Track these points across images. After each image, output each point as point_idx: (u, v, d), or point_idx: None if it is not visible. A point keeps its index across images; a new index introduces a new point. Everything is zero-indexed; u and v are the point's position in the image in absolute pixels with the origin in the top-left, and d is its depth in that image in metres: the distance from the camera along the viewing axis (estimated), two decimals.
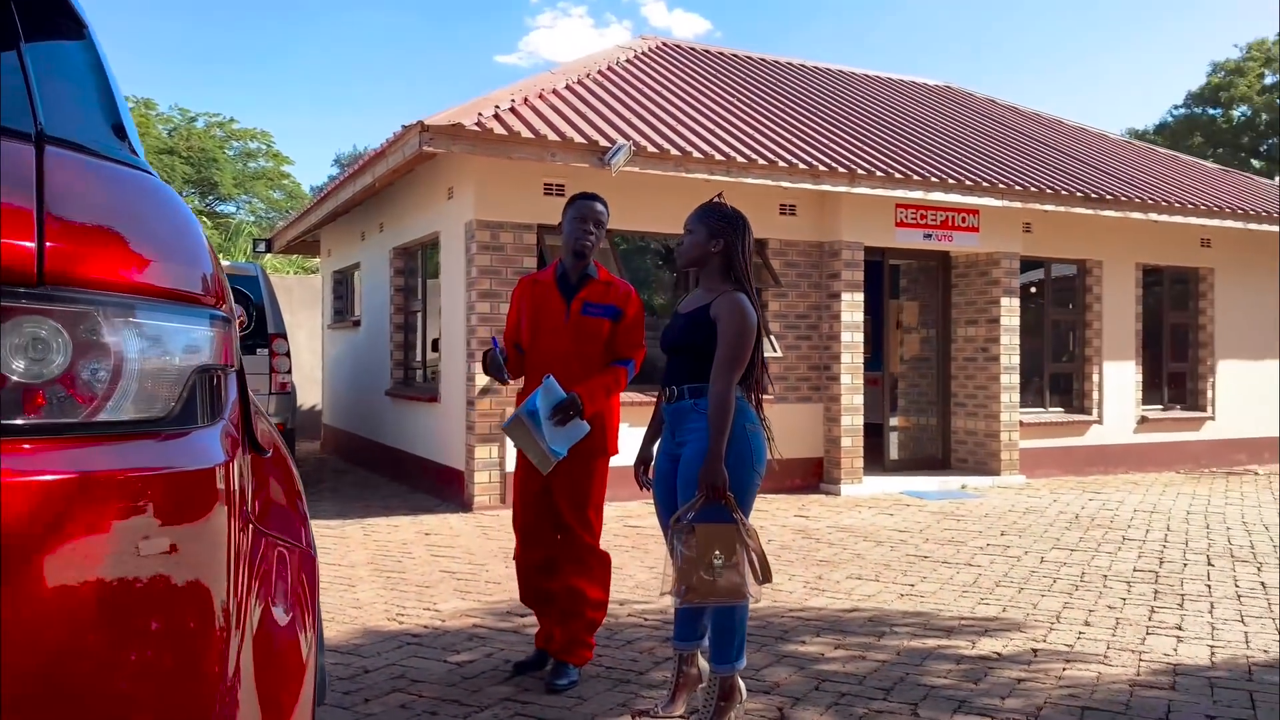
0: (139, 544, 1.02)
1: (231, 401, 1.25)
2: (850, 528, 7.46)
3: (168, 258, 1.13)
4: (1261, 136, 35.63)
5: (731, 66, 11.97)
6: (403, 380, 10.37)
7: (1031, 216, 10.23)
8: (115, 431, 1.04)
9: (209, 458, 1.12)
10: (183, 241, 1.17)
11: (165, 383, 1.09)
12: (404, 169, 8.51)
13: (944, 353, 10.60)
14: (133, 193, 1.15)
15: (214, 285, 1.20)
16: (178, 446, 1.10)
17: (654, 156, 7.89)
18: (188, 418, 1.12)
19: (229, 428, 1.20)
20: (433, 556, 6.31)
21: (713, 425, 3.18)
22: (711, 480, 3.15)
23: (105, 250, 1.05)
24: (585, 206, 3.83)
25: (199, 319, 1.15)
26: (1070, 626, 4.70)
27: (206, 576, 1.09)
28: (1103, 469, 10.90)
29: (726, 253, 3.39)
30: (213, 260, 1.24)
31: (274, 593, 1.28)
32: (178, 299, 1.13)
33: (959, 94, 13.83)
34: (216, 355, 1.17)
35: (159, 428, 1.09)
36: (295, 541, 1.39)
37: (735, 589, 3.14)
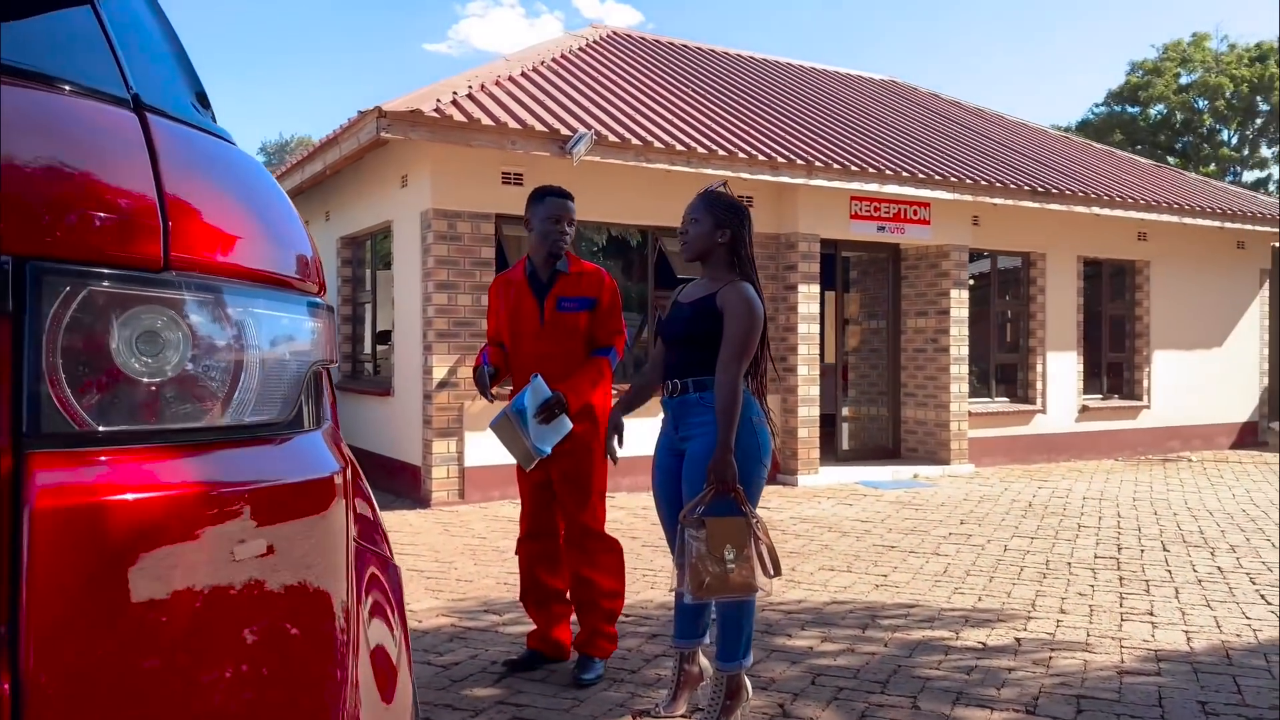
0: (264, 561, 0.91)
1: (328, 400, 1.14)
2: (813, 519, 7.48)
3: (275, 238, 1.01)
4: (1176, 135, 36.92)
5: (683, 57, 11.91)
6: (351, 374, 10.11)
7: (980, 210, 10.38)
8: (236, 437, 0.93)
9: (326, 464, 1.01)
10: (284, 220, 1.06)
11: (285, 381, 0.98)
12: (355, 156, 8.27)
13: (894, 344, 10.72)
14: (234, 166, 1.03)
15: (315, 269, 1.09)
16: (297, 453, 0.99)
17: (615, 146, 7.79)
18: (299, 420, 1.01)
19: (333, 430, 1.09)
20: (397, 555, 6.10)
21: (722, 417, 3.12)
22: (721, 473, 3.09)
23: (222, 231, 0.93)
24: (558, 205, 3.71)
25: (307, 308, 1.04)
26: (1048, 615, 4.76)
27: (332, 589, 0.98)
28: (1046, 457, 11.14)
29: (732, 243, 3.33)
30: (310, 240, 1.12)
31: (375, 605, 1.17)
32: (287, 286, 1.01)
33: (903, 88, 13.98)
34: (324, 349, 1.06)
35: (277, 432, 0.98)
36: (381, 550, 1.28)
37: (747, 583, 3.09)
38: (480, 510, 7.71)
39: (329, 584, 0.98)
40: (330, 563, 0.99)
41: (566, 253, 3.77)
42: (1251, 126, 36.34)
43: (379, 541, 1.29)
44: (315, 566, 0.97)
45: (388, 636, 1.18)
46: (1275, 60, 34.35)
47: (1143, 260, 12.05)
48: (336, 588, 1.00)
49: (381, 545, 1.29)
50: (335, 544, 1.00)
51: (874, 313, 10.93)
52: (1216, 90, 35.05)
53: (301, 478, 0.97)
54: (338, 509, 1.01)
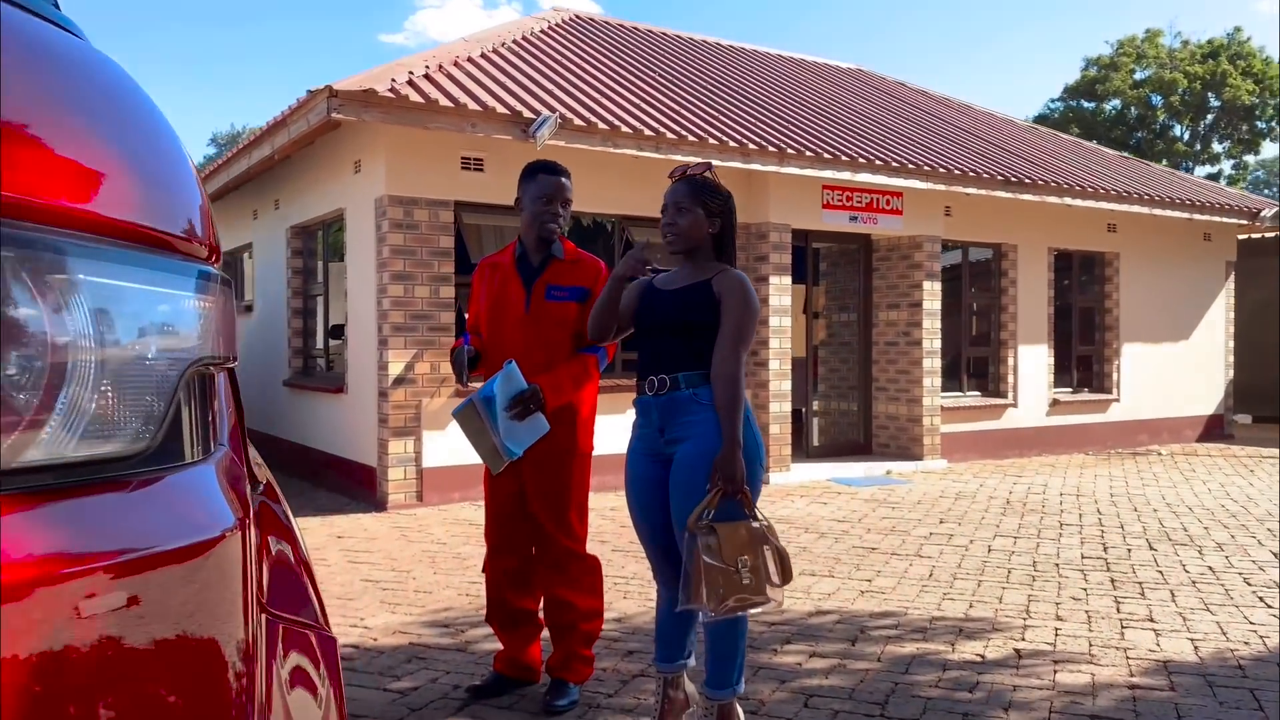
0: (100, 686, 0.57)
1: (227, 415, 0.79)
2: (788, 519, 7.19)
3: (136, 175, 0.66)
4: (1131, 130, 37.30)
5: (647, 42, 11.56)
6: (302, 370, 9.65)
7: (952, 200, 10.17)
8: (51, 483, 0.58)
9: (213, 519, 0.67)
10: (156, 151, 0.71)
11: (146, 390, 0.63)
12: (305, 140, 7.82)
13: (865, 337, 10.47)
14: (85, 71, 0.68)
15: (205, 225, 0.74)
16: (165, 501, 0.64)
17: (581, 130, 7.43)
18: (173, 450, 0.66)
19: (229, 461, 0.74)
20: (350, 563, 5.75)
21: (726, 412, 2.81)
22: (730, 473, 2.77)
23: (37, 155, 0.59)
24: (551, 183, 3.33)
25: (187, 279, 0.69)
26: (1044, 623, 4.50)
27: (221, 703, 0.64)
28: (1018, 452, 10.98)
29: (721, 232, 3.03)
30: (199, 187, 0.77)
31: (296, 704, 0.82)
32: (160, 245, 0.67)
33: (871, 77, 13.75)
34: (215, 341, 0.71)
35: (131, 470, 0.63)
36: (311, 621, 0.93)
37: (759, 595, 2.78)
38: (440, 513, 7.32)
39: (215, 695, 0.64)
40: (215, 666, 0.65)
41: (561, 237, 3.41)
42: (1203, 122, 36.83)
43: (305, 606, 0.94)
44: (190, 673, 0.62)
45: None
46: (1226, 57, 34.81)
47: (1112, 252, 11.93)
48: (227, 699, 0.65)
49: (307, 611, 0.94)
50: (225, 631, 0.66)
51: (844, 305, 10.68)
52: (1170, 86, 35.45)
53: (170, 543, 0.63)
54: (227, 582, 0.66)
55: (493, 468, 3.20)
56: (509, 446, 3.14)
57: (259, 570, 0.78)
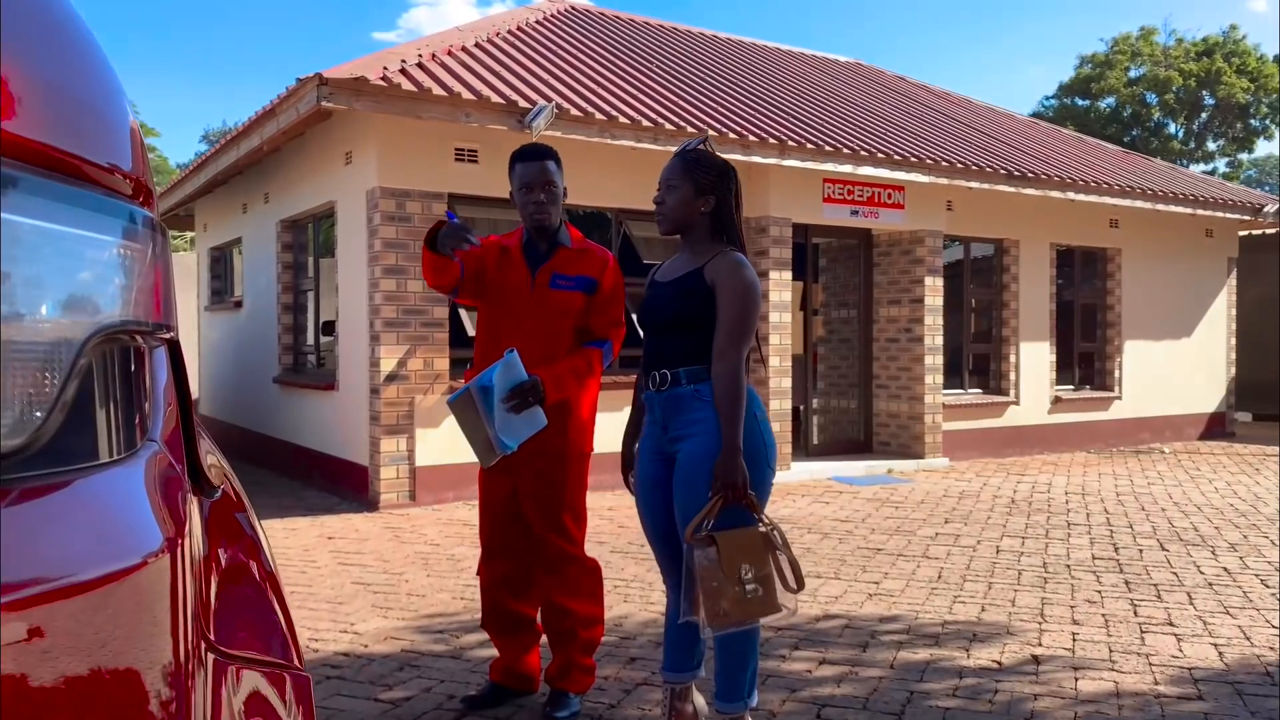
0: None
1: (163, 403, 0.62)
2: (790, 518, 7.03)
3: (35, 78, 0.49)
4: (1125, 128, 37.21)
5: (645, 34, 11.38)
6: (293, 366, 9.45)
7: (955, 194, 10.01)
8: None
9: (133, 538, 0.50)
10: (70, 55, 0.54)
11: (25, 363, 0.46)
12: (295, 130, 7.63)
13: (865, 334, 10.31)
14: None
15: (134, 160, 0.56)
16: (58, 517, 0.47)
17: (578, 120, 7.25)
18: (79, 447, 0.49)
19: (162, 459, 0.57)
20: (341, 565, 5.57)
21: (725, 412, 2.63)
22: (730, 478, 2.60)
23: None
24: (529, 171, 3.11)
25: (101, 219, 0.51)
26: (1060, 627, 4.34)
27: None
28: (1019, 450, 10.83)
29: (717, 211, 2.82)
30: (129, 119, 0.60)
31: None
32: (54, 169, 0.49)
33: (870, 71, 13.59)
34: (137, 305, 0.54)
35: (8, 474, 0.45)
36: (277, 659, 0.75)
37: (770, 603, 2.61)
38: (433, 513, 7.14)
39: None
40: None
41: (569, 225, 3.23)
42: (1198, 120, 36.78)
43: (269, 640, 0.76)
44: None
45: None
46: (1221, 55, 34.74)
47: (1114, 248, 11.79)
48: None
49: (272, 645, 0.76)
50: (148, 683, 0.48)
51: (844, 301, 10.52)
52: (1165, 84, 35.39)
53: (67, 575, 0.45)
54: (149, 620, 0.49)
55: (483, 461, 3.01)
56: (503, 440, 2.95)
57: (203, 599, 0.61)
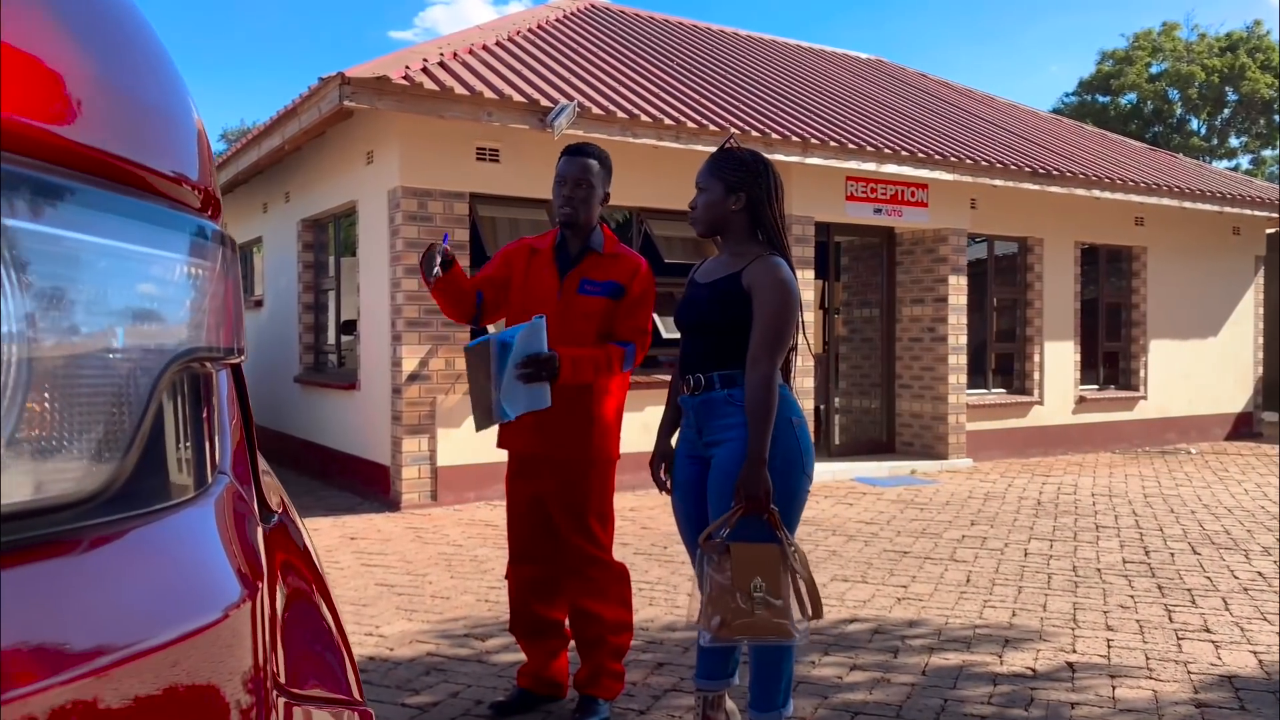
0: None
1: (229, 430, 0.58)
2: (814, 520, 6.97)
3: (106, 86, 0.45)
4: (1147, 124, 36.85)
5: (665, 31, 11.33)
6: (314, 366, 9.45)
7: (979, 192, 9.91)
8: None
9: (211, 590, 0.45)
10: (138, 60, 0.50)
11: (100, 398, 0.41)
12: (316, 130, 7.62)
13: (888, 333, 10.23)
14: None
15: (203, 171, 0.52)
16: (132, 570, 0.42)
17: (600, 119, 7.21)
18: (150, 487, 0.45)
19: (233, 495, 0.53)
20: (364, 566, 5.55)
21: (754, 420, 2.58)
22: (753, 489, 2.55)
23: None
24: (567, 166, 3.10)
25: (174, 235, 0.47)
26: (1094, 632, 4.27)
27: None
28: (1043, 450, 10.72)
29: (751, 208, 2.77)
30: (196, 124, 0.56)
31: None
32: (140, 186, 0.45)
33: (891, 68, 13.49)
34: (209, 328, 0.50)
35: (79, 522, 0.41)
36: (340, 694, 0.71)
37: (778, 625, 2.55)
38: (455, 514, 7.12)
39: None
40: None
41: (604, 228, 3.20)
42: (1220, 116, 36.38)
43: (333, 676, 0.72)
44: None
45: None
46: (1245, 50, 34.36)
47: (1140, 246, 11.65)
48: None
49: (336, 681, 0.72)
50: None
51: (866, 300, 10.44)
52: (1187, 80, 35.03)
53: (145, 638, 0.41)
54: (229, 675, 0.45)
55: (478, 423, 2.96)
56: (504, 406, 2.89)
57: (273, 642, 0.57)
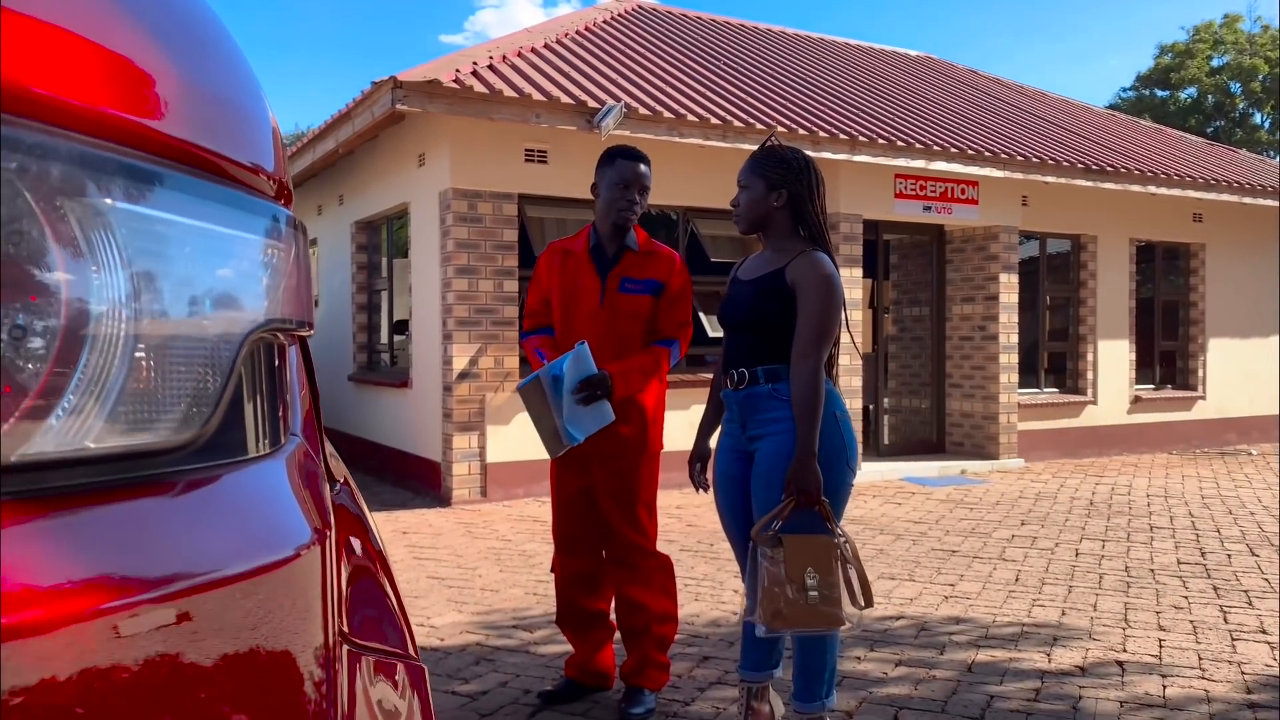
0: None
1: (299, 397, 0.64)
2: (861, 519, 6.96)
3: (191, 82, 0.51)
4: (1208, 119, 35.97)
5: (712, 32, 11.36)
6: (367, 365, 9.64)
7: (1030, 189, 9.79)
8: (67, 485, 0.43)
9: (286, 531, 0.51)
10: (217, 56, 0.56)
11: (191, 361, 0.48)
12: (370, 133, 7.78)
13: (938, 332, 10.15)
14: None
15: (276, 160, 0.58)
16: (218, 510, 0.49)
17: (646, 119, 7.26)
18: (233, 441, 0.51)
19: (304, 454, 0.59)
20: (416, 560, 5.67)
21: (802, 415, 2.61)
22: (804, 482, 2.58)
23: (52, 34, 0.43)
24: (629, 169, 3.15)
25: (253, 219, 0.53)
26: (1145, 632, 4.22)
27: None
28: (1097, 451, 10.56)
29: (793, 205, 2.80)
30: (270, 119, 0.62)
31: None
32: (217, 172, 0.51)
33: (941, 65, 13.37)
34: (284, 302, 0.56)
35: (173, 468, 0.47)
36: (398, 650, 0.77)
37: (831, 614, 2.58)
38: (504, 509, 7.22)
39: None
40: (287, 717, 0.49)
41: (637, 228, 3.26)
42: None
43: (392, 631, 0.78)
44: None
45: None
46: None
47: (1198, 243, 11.42)
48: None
49: (394, 637, 0.78)
50: (299, 674, 0.50)
51: (916, 299, 10.36)
52: (1250, 73, 34.14)
53: (229, 565, 0.47)
54: (302, 612, 0.51)
55: (550, 451, 3.05)
56: (570, 431, 2.98)
57: (339, 593, 0.63)
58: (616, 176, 3.15)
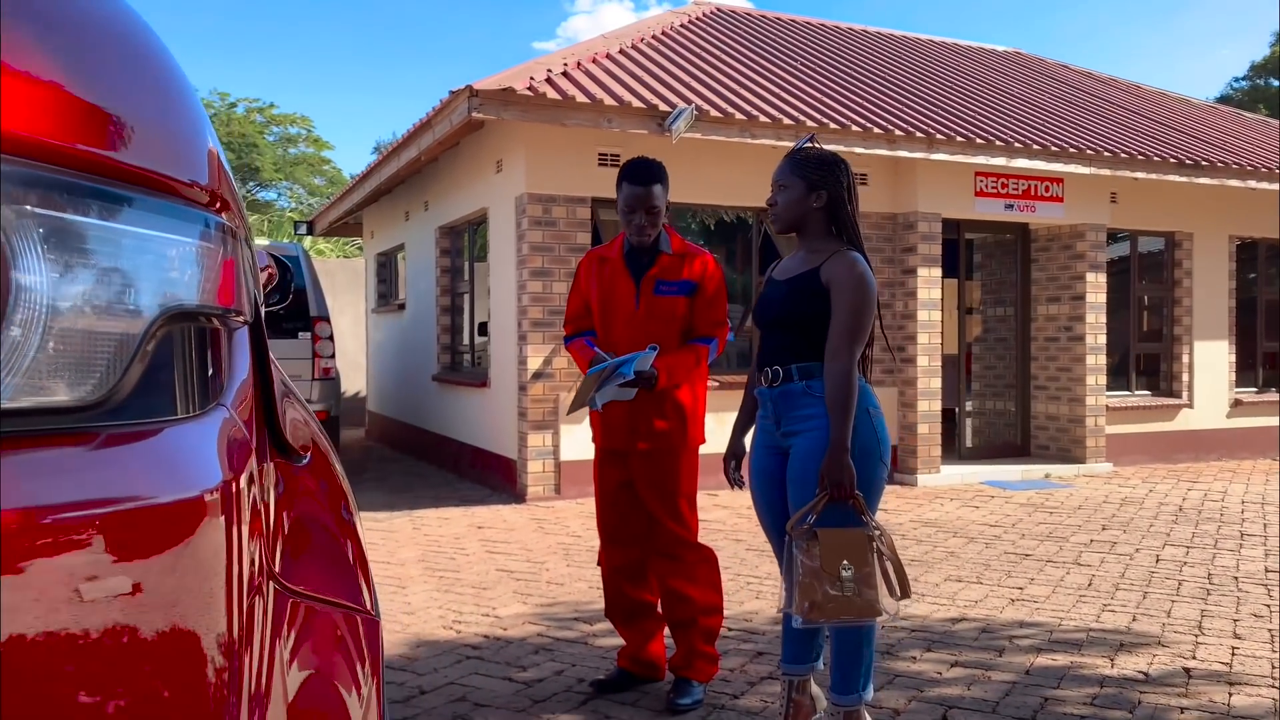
0: (59, 650, 0.52)
1: (240, 378, 0.74)
2: (935, 522, 6.87)
3: (117, 102, 0.61)
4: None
5: (790, 32, 11.34)
6: (450, 365, 9.93)
7: (1119, 185, 9.50)
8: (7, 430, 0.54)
9: (189, 477, 0.61)
10: (146, 77, 0.66)
11: (101, 340, 0.58)
12: (450, 140, 8.02)
13: (1023, 333, 9.92)
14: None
15: (210, 173, 0.68)
16: (128, 458, 0.59)
17: (718, 121, 7.32)
18: (153, 403, 0.61)
19: (233, 422, 0.69)
20: (488, 553, 5.84)
21: (835, 411, 2.65)
22: (837, 477, 2.62)
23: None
24: (632, 195, 3.20)
25: (185, 224, 0.64)
26: (1219, 640, 4.10)
27: (188, 690, 0.58)
28: (1193, 456, 10.17)
29: (831, 206, 2.84)
30: (208, 133, 0.72)
31: (314, 689, 0.76)
32: (135, 181, 0.62)
33: (1029, 59, 13.06)
34: (208, 292, 0.66)
35: (93, 422, 0.58)
36: (349, 602, 0.86)
37: (868, 605, 2.61)
38: (577, 506, 7.36)
39: (188, 668, 0.58)
40: (188, 642, 0.59)
41: (669, 229, 3.34)
42: None
43: (350, 584, 0.88)
44: (161, 650, 0.57)
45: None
46: None
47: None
48: (200, 685, 0.59)
49: (353, 591, 0.87)
50: (200, 604, 0.60)
51: (1000, 299, 10.15)
52: None
53: (131, 500, 0.57)
54: (208, 548, 0.60)
55: (571, 408, 3.21)
56: (596, 399, 3.13)
57: (270, 540, 0.73)
58: (623, 203, 3.24)
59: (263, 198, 31.05)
